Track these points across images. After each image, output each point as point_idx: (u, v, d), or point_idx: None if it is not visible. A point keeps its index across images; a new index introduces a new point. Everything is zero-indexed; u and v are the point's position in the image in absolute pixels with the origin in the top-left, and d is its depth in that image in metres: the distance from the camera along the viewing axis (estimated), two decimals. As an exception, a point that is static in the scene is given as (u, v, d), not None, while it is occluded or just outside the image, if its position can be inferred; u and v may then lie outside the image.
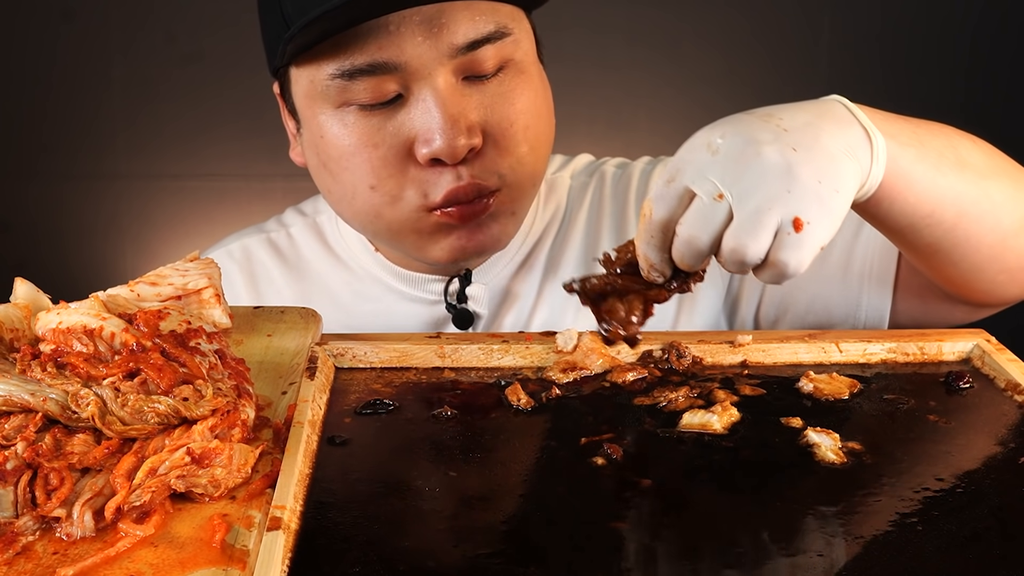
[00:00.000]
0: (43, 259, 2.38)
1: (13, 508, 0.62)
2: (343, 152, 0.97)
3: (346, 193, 1.00)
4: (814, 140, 0.75)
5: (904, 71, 2.37)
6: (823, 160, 0.74)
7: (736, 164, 0.73)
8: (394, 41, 0.91)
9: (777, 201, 0.72)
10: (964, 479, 0.71)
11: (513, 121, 0.97)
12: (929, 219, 0.85)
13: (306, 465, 0.70)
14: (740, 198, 0.72)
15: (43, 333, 0.78)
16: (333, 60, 0.93)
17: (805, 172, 0.73)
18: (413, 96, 0.94)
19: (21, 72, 2.31)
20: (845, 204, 0.75)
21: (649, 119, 2.40)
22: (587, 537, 0.65)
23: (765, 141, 0.73)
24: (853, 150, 0.77)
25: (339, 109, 0.96)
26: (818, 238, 0.73)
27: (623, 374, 0.86)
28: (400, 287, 1.13)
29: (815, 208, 0.73)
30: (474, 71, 0.95)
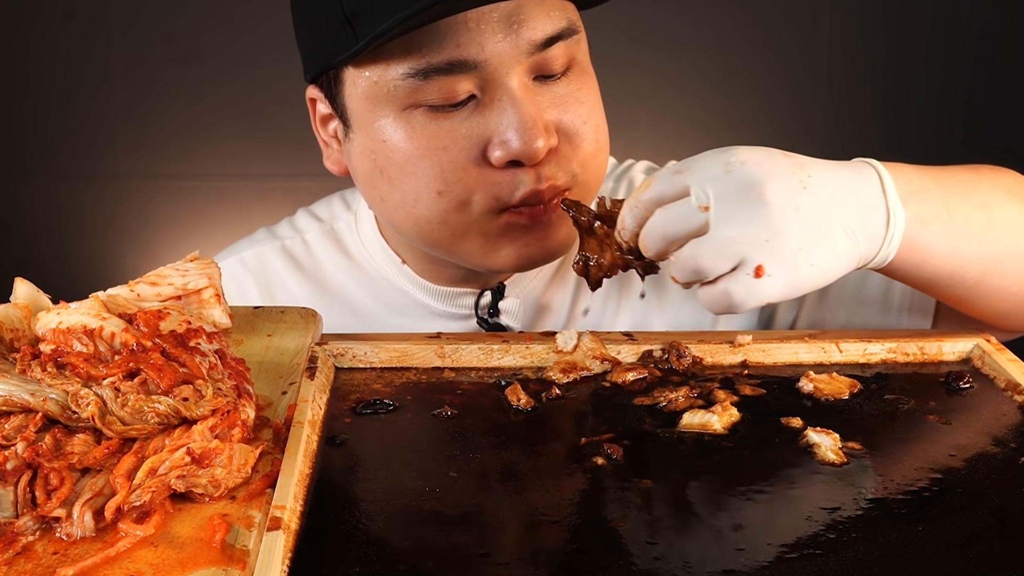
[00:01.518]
0: (43, 259, 2.38)
1: (13, 508, 0.62)
2: (408, 156, 0.93)
3: (407, 200, 0.95)
4: (822, 213, 0.77)
5: (905, 70, 2.37)
6: (817, 233, 0.76)
7: (737, 190, 0.75)
8: (474, 38, 0.88)
9: (751, 242, 0.75)
10: (964, 479, 0.71)
11: (585, 120, 0.95)
12: (949, 280, 0.87)
13: (306, 465, 0.70)
14: (720, 220, 0.75)
15: (43, 333, 0.78)
16: (406, 59, 0.89)
17: (791, 234, 0.75)
18: (488, 96, 0.91)
19: (21, 72, 2.31)
20: (817, 278, 0.77)
21: (650, 118, 2.40)
22: (587, 537, 0.65)
23: (776, 188, 0.76)
24: (860, 233, 0.79)
25: (405, 111, 0.92)
26: (771, 293, 0.76)
27: (623, 374, 0.86)
28: (428, 301, 1.10)
29: (782, 268, 0.75)
30: (545, 70, 0.93)
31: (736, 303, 0.76)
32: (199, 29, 2.30)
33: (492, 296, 1.08)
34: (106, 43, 2.31)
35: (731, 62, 2.36)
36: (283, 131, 2.33)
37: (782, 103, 2.40)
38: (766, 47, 2.36)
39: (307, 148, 2.50)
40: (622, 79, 2.33)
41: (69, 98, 2.33)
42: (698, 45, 2.35)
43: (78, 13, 2.28)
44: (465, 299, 1.09)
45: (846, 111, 2.39)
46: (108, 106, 2.34)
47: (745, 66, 2.37)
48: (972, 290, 0.89)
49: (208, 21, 2.29)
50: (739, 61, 2.36)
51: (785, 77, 2.39)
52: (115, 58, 2.32)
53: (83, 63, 2.31)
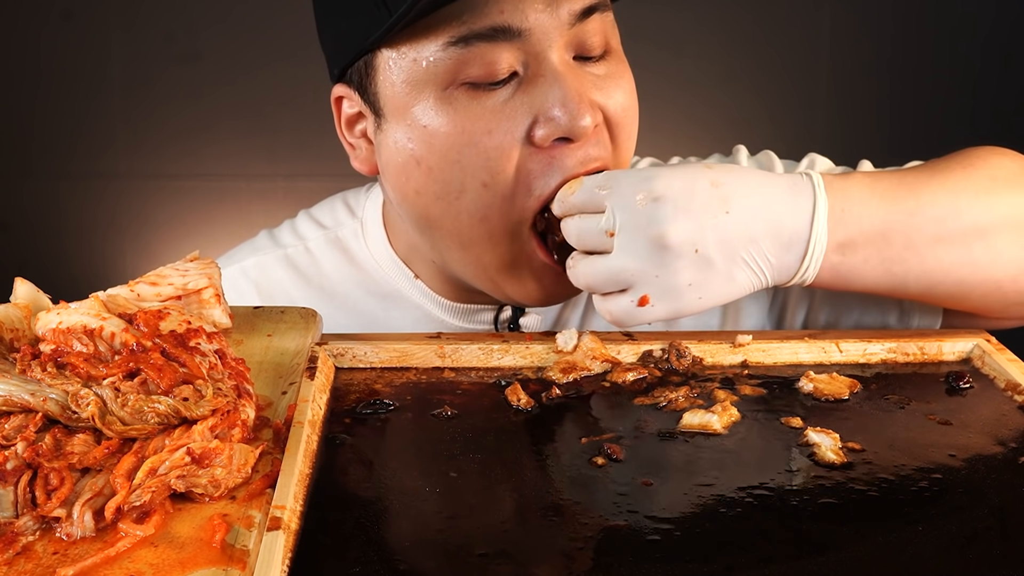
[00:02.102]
0: (43, 259, 2.39)
1: (13, 508, 0.62)
2: (452, 143, 0.89)
3: (449, 191, 0.91)
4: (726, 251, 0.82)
5: (905, 69, 2.37)
6: (713, 271, 0.82)
7: (642, 226, 0.81)
8: (517, 5, 0.87)
9: (641, 276, 0.82)
10: (964, 479, 0.71)
11: (625, 107, 0.94)
12: (890, 293, 0.92)
13: (306, 465, 0.70)
14: (619, 250, 0.82)
15: (43, 333, 0.78)
16: (446, 29, 0.87)
17: (684, 273, 0.82)
18: (531, 72, 0.89)
19: (20, 72, 2.31)
20: (705, 307, 0.84)
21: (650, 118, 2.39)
22: (587, 537, 0.65)
23: (681, 231, 0.81)
24: (768, 267, 0.84)
25: (446, 91, 0.89)
26: (652, 317, 0.84)
27: (623, 374, 0.86)
28: (443, 316, 1.07)
29: (667, 300, 0.83)
30: (584, 50, 0.91)
31: (616, 320, 0.85)
32: (199, 29, 2.30)
33: (513, 311, 1.06)
34: (106, 43, 2.31)
35: (732, 61, 2.36)
36: (283, 131, 2.34)
37: (783, 102, 2.40)
38: (768, 46, 2.36)
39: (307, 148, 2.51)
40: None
41: (69, 98, 2.33)
42: (699, 44, 2.35)
43: (77, 13, 2.28)
44: (483, 315, 1.06)
45: (847, 110, 2.39)
46: (108, 106, 2.34)
47: (746, 65, 2.37)
48: (925, 297, 0.92)
49: (208, 21, 2.29)
50: (740, 60, 2.36)
51: (786, 75, 2.39)
52: (115, 58, 2.32)
53: (83, 63, 2.31)
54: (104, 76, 2.32)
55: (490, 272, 0.96)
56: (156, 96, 2.33)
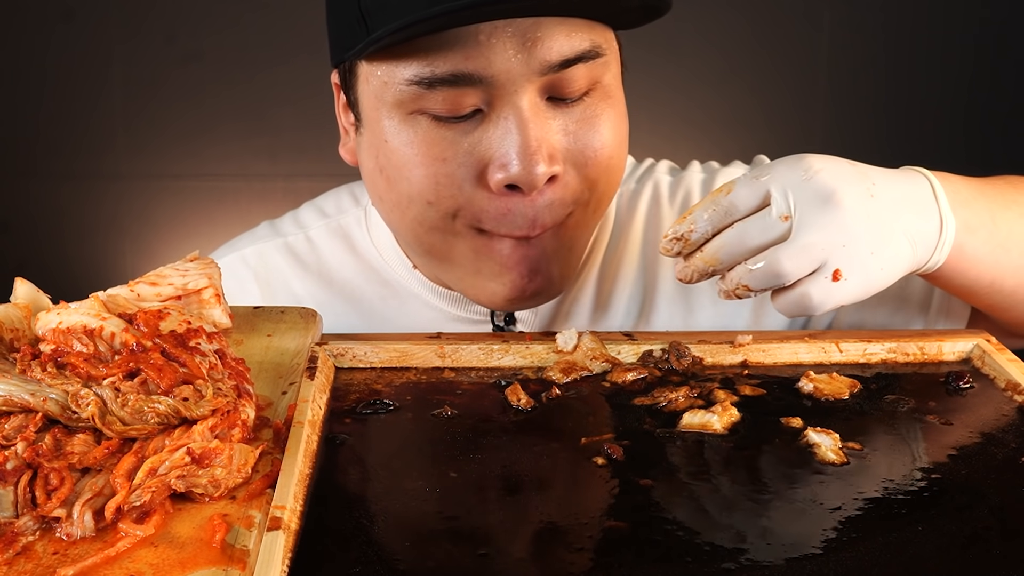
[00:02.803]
0: (43, 259, 2.39)
1: (13, 508, 0.62)
2: (406, 161, 0.90)
3: (400, 202, 0.93)
4: (888, 220, 0.80)
5: (905, 70, 2.37)
6: (886, 239, 0.80)
7: (816, 198, 0.78)
8: (483, 52, 0.84)
9: (831, 248, 0.78)
10: (964, 479, 0.71)
11: (597, 150, 0.91)
12: (989, 287, 0.91)
13: (306, 465, 0.70)
14: (802, 227, 0.78)
15: (43, 333, 0.78)
16: (412, 64, 0.86)
17: (864, 240, 0.79)
18: (495, 113, 0.87)
19: (21, 72, 2.31)
20: (884, 282, 0.81)
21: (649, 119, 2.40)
22: (587, 537, 0.65)
23: (851, 195, 0.79)
24: (919, 239, 0.83)
25: (410, 115, 0.89)
26: (847, 295, 0.80)
27: (623, 374, 0.86)
28: (441, 304, 1.07)
29: (858, 271, 0.79)
30: (560, 92, 0.88)
31: (815, 305, 0.79)
32: (200, 30, 2.30)
33: None
34: (107, 44, 2.31)
35: (730, 63, 2.36)
36: (283, 132, 2.34)
37: (781, 104, 2.40)
38: (765, 48, 2.36)
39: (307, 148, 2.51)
40: (621, 80, 2.33)
41: (70, 98, 2.33)
42: (697, 46, 2.35)
43: (79, 14, 2.28)
44: (478, 305, 1.05)
45: (845, 112, 2.39)
46: (109, 106, 2.34)
47: (744, 67, 2.37)
48: (1009, 298, 0.93)
49: (209, 22, 2.29)
50: (738, 62, 2.37)
51: (784, 78, 2.39)
52: (116, 59, 2.32)
53: (84, 64, 2.31)
54: (105, 77, 2.33)
55: (457, 274, 0.97)
56: (157, 96, 2.34)
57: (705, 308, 1.09)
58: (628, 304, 1.09)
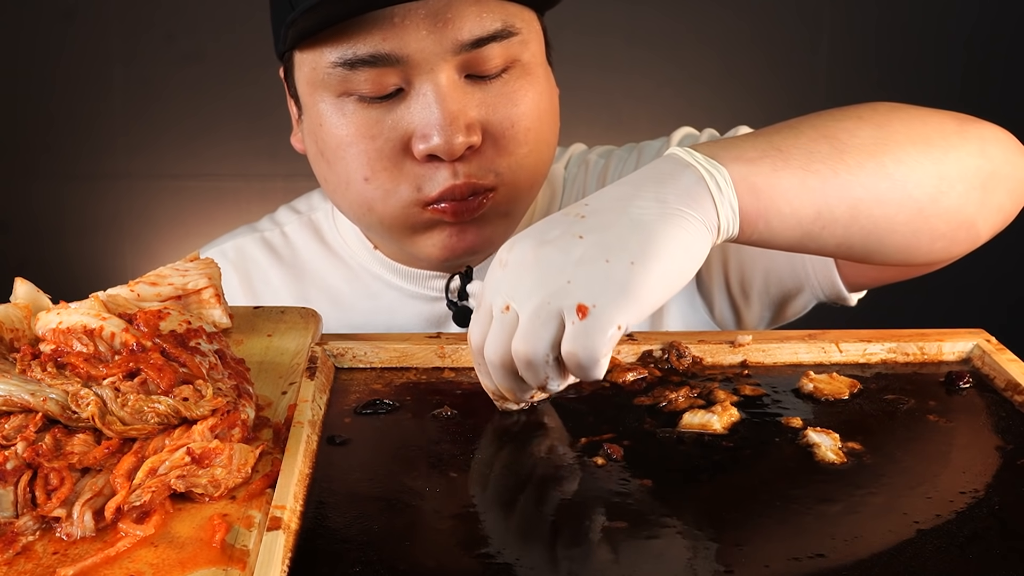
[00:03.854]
0: (43, 259, 2.39)
1: (13, 508, 0.62)
2: (340, 142, 0.96)
3: (340, 182, 0.99)
4: (613, 218, 0.71)
5: (903, 71, 2.37)
6: (616, 237, 0.70)
7: (519, 272, 0.72)
8: (398, 33, 0.90)
9: (556, 295, 0.69)
10: (964, 479, 0.71)
11: (515, 122, 0.96)
12: (819, 223, 0.78)
13: (306, 465, 0.70)
14: (521, 303, 0.71)
15: (43, 333, 0.78)
16: (335, 48, 0.92)
17: (588, 257, 0.70)
18: (414, 90, 0.93)
19: (21, 72, 2.31)
20: (651, 271, 0.69)
21: (649, 120, 2.40)
22: (587, 537, 0.65)
23: (550, 240, 0.72)
24: (677, 205, 0.72)
25: (339, 98, 0.95)
26: (609, 318, 0.68)
27: (623, 374, 0.86)
28: (400, 283, 1.13)
29: (601, 289, 0.69)
30: (478, 70, 0.94)
31: (586, 354, 0.69)
32: (200, 30, 2.30)
33: (460, 279, 1.07)
34: (107, 44, 2.31)
35: (730, 63, 2.36)
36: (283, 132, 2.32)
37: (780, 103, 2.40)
38: (765, 48, 2.36)
39: (307, 148, 2.47)
40: (622, 81, 2.34)
41: (70, 98, 2.33)
42: (697, 47, 2.36)
43: (79, 13, 2.28)
44: (436, 282, 1.11)
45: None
46: (109, 106, 2.34)
47: (744, 67, 2.37)
48: (851, 230, 0.80)
49: (209, 22, 2.29)
50: (738, 62, 2.37)
51: (784, 78, 2.39)
52: (116, 58, 2.32)
53: (85, 63, 2.31)
54: (106, 77, 2.33)
55: (399, 243, 1.04)
56: (158, 97, 2.34)
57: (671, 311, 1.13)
58: None
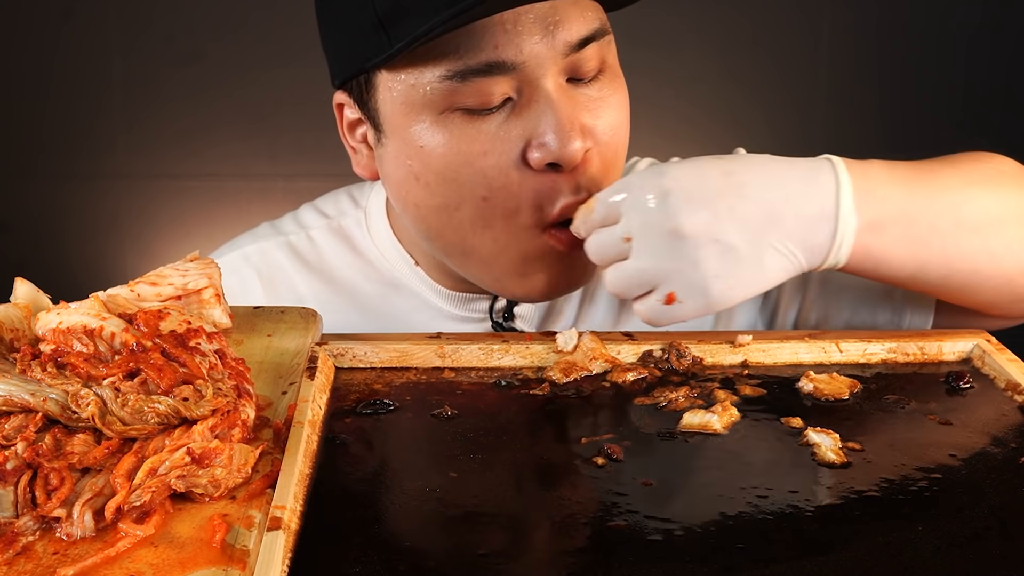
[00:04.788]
0: (43, 259, 2.38)
1: (13, 508, 0.62)
2: (448, 162, 0.90)
3: (449, 204, 0.92)
4: (749, 237, 0.81)
5: (903, 71, 2.37)
6: (738, 259, 0.81)
7: (657, 223, 0.81)
8: (512, 40, 0.87)
9: (663, 273, 0.81)
10: (964, 479, 0.71)
11: (616, 127, 0.94)
12: (911, 280, 0.89)
13: (306, 465, 0.70)
14: (638, 252, 0.82)
15: (43, 333, 0.78)
16: (442, 61, 0.88)
17: (706, 265, 0.81)
18: (525, 99, 0.89)
19: (21, 71, 2.31)
20: (737, 298, 0.82)
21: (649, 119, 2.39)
22: (587, 537, 0.65)
23: (695, 221, 0.80)
24: (799, 248, 0.83)
25: (442, 115, 0.90)
26: (682, 315, 0.83)
27: (623, 374, 0.86)
28: (440, 303, 1.08)
29: (695, 295, 0.82)
30: (578, 73, 0.91)
31: (650, 321, 0.84)
32: (200, 30, 2.30)
33: (507, 301, 1.07)
34: (107, 43, 2.31)
35: (730, 63, 2.36)
36: (283, 131, 2.34)
37: (781, 103, 2.40)
38: (765, 48, 2.36)
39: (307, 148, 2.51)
40: (622, 80, 2.33)
41: (70, 98, 2.33)
42: (697, 47, 2.35)
43: (79, 13, 2.28)
44: (479, 304, 1.08)
45: (845, 112, 2.39)
46: (109, 106, 2.34)
47: (744, 67, 2.37)
48: (940, 286, 0.90)
49: (209, 22, 2.29)
50: (738, 62, 2.36)
51: (784, 78, 2.39)
52: (115, 58, 2.32)
53: (84, 63, 2.31)
54: (104, 76, 2.32)
55: (495, 274, 0.97)
56: (158, 96, 2.33)
57: None
58: (610, 300, 1.12)
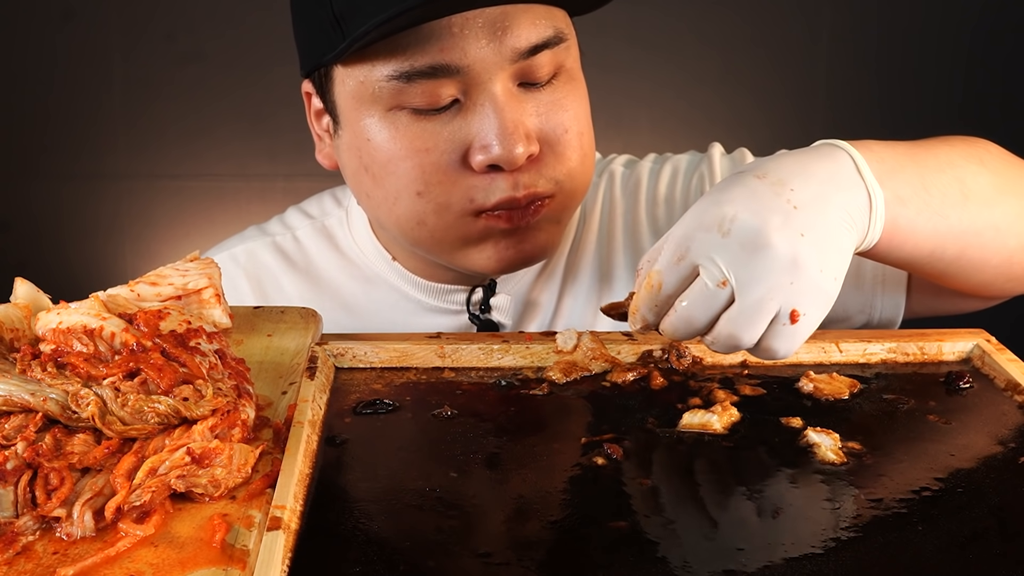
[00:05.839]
0: (43, 259, 2.38)
1: (13, 508, 0.62)
2: (391, 156, 0.94)
3: (388, 197, 0.97)
4: (822, 218, 0.75)
5: (903, 71, 2.37)
6: (827, 244, 0.75)
7: (743, 251, 0.73)
8: (458, 43, 0.89)
9: (779, 293, 0.73)
10: (964, 479, 0.71)
11: (568, 128, 0.95)
12: (930, 257, 0.87)
13: (306, 465, 0.70)
14: (743, 287, 0.73)
15: (43, 333, 0.78)
16: (390, 61, 0.90)
17: (809, 263, 0.74)
18: (471, 101, 0.92)
19: (21, 72, 2.31)
20: (840, 287, 0.76)
21: (649, 119, 2.40)
22: (587, 537, 0.65)
23: (775, 227, 0.73)
24: (855, 219, 0.78)
25: (390, 112, 0.93)
26: (810, 327, 0.76)
27: (623, 374, 0.86)
28: (419, 296, 1.10)
29: (813, 299, 0.74)
30: (530, 77, 0.93)
31: (783, 354, 0.76)
32: (200, 30, 2.30)
33: (484, 292, 1.09)
34: (107, 43, 2.31)
35: (730, 63, 2.36)
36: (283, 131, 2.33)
37: (781, 103, 2.40)
38: (765, 49, 2.36)
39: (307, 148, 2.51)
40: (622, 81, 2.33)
41: (70, 98, 2.33)
42: (697, 47, 2.36)
43: (78, 13, 2.28)
44: (456, 295, 1.10)
45: (845, 112, 2.39)
46: (109, 106, 2.34)
47: (744, 68, 2.37)
48: (952, 265, 0.88)
49: (209, 22, 2.29)
50: (738, 63, 2.37)
51: (784, 78, 2.39)
52: (116, 58, 2.32)
53: (84, 63, 2.31)
54: (106, 76, 2.32)
55: (445, 256, 1.01)
56: (158, 97, 2.34)
57: None
58: (588, 294, 1.12)
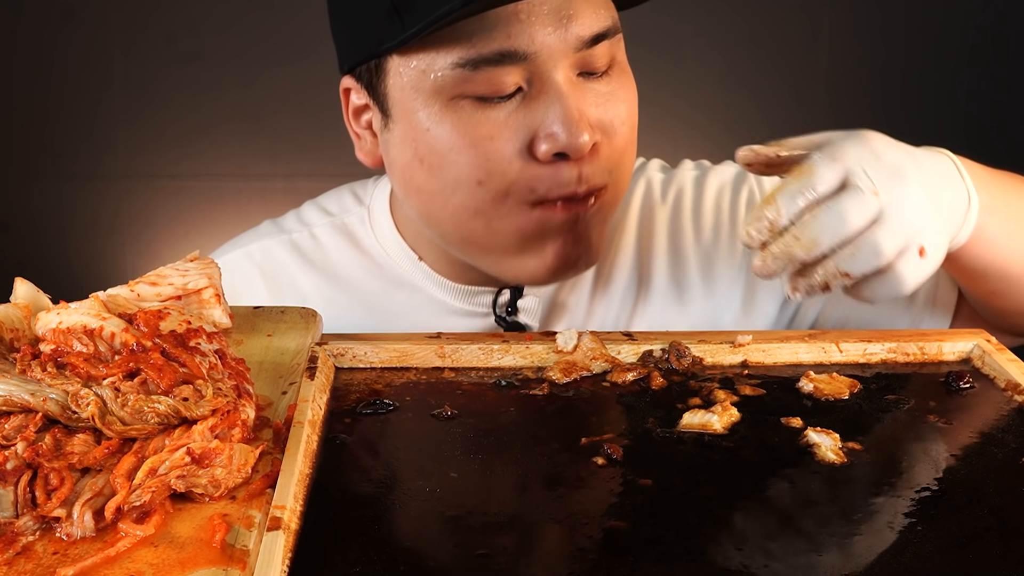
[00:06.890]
0: (43, 259, 2.38)
1: (13, 508, 0.62)
2: (452, 146, 0.92)
3: (444, 189, 0.95)
4: (941, 192, 0.82)
5: (904, 72, 2.37)
6: (942, 213, 0.81)
7: (893, 176, 0.78)
8: (525, 30, 0.89)
9: (919, 223, 0.78)
10: (964, 479, 0.71)
11: (623, 121, 0.96)
12: (1001, 271, 0.92)
13: (306, 465, 0.70)
14: (893, 205, 0.77)
15: (43, 333, 0.78)
16: (454, 48, 0.89)
17: (939, 213, 0.80)
18: (535, 89, 0.91)
19: (21, 72, 2.31)
20: (943, 256, 0.82)
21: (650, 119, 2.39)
22: (587, 537, 0.65)
23: (915, 172, 0.79)
24: (956, 212, 0.84)
25: (452, 101, 0.92)
26: (930, 270, 0.80)
27: (623, 374, 0.86)
28: (445, 298, 1.09)
29: (933, 245, 0.79)
30: (590, 67, 0.93)
31: (908, 285, 0.79)
32: (200, 30, 2.30)
33: (511, 294, 1.07)
34: (107, 43, 2.31)
35: (730, 64, 2.36)
36: (283, 131, 2.34)
37: (781, 104, 2.40)
38: (765, 49, 2.36)
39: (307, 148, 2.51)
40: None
41: (70, 98, 2.33)
42: (697, 47, 2.35)
43: (79, 13, 2.28)
44: (483, 297, 1.08)
45: (845, 112, 2.39)
46: (109, 106, 2.34)
47: (744, 68, 2.37)
48: (1015, 284, 0.93)
49: (209, 22, 2.29)
50: (738, 63, 2.37)
51: (784, 79, 2.39)
52: (115, 58, 2.32)
53: (84, 63, 2.31)
54: (105, 76, 2.32)
55: (495, 257, 0.99)
56: (158, 97, 2.33)
57: (696, 301, 1.11)
58: (623, 299, 1.11)
